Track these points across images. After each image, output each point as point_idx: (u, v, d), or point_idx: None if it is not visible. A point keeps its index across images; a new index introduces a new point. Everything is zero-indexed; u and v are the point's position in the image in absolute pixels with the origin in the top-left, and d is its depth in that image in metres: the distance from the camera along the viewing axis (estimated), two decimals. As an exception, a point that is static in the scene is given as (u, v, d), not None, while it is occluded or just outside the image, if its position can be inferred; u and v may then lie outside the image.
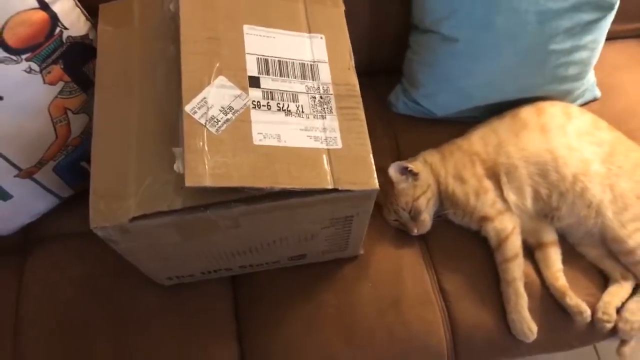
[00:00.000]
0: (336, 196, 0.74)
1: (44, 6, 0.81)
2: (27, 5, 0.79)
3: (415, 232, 1.03)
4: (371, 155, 0.76)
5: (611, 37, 1.23)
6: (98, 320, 0.99)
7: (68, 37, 0.86)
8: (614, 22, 1.12)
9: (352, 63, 0.82)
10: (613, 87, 1.21)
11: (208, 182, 0.67)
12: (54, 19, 0.83)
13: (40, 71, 0.84)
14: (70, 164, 0.97)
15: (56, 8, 0.83)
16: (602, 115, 1.13)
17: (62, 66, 0.86)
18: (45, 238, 1.08)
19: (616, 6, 1.03)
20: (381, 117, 1.19)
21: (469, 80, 1.06)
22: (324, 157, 0.74)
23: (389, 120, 1.19)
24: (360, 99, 0.80)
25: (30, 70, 0.83)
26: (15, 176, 0.92)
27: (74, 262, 1.04)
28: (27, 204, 1.00)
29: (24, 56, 0.81)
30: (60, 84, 0.88)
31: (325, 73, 0.80)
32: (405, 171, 1.04)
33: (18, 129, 0.87)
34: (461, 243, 1.06)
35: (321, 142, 0.75)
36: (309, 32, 0.83)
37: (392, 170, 1.02)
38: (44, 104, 0.87)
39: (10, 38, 0.78)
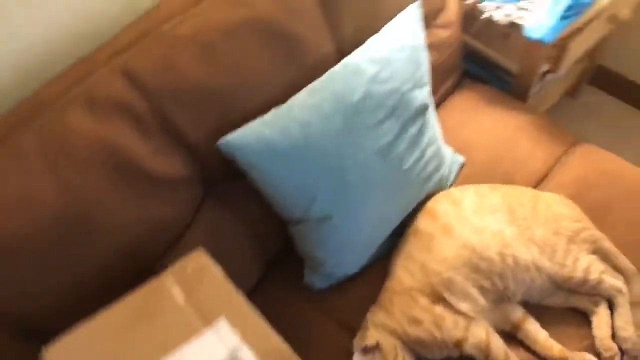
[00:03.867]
0: None
1: None
2: None
3: (408, 393, 1.00)
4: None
5: (439, 102, 1.34)
6: None
7: None
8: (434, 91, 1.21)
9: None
10: (467, 144, 1.29)
11: None
12: None
13: None
14: None
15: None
16: (472, 174, 1.20)
17: None
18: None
19: (430, 106, 1.11)
20: (310, 300, 1.17)
21: (360, 234, 1.08)
22: None
23: (319, 300, 1.16)
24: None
25: None
26: None
27: None
28: None
29: None
30: None
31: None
32: (367, 350, 1.01)
33: None
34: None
35: None
36: (208, 324, 0.79)
37: (358, 359, 0.99)
38: None
39: None
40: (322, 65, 1.06)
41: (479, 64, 1.51)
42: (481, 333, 1.01)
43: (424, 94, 1.09)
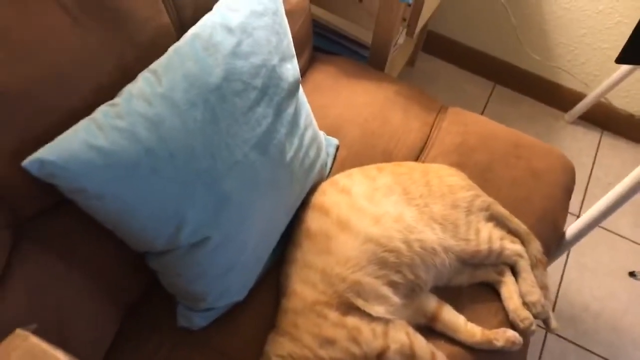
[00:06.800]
0: None
1: None
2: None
3: None
4: None
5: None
6: None
7: None
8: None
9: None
10: (337, 124, 1.14)
11: None
12: None
13: None
14: None
15: None
16: (349, 157, 1.09)
17: None
18: None
19: (299, 80, 0.92)
20: (191, 343, 0.91)
21: (245, 251, 0.85)
22: None
23: (203, 342, 0.91)
24: None
25: None
26: None
27: None
28: None
29: None
30: None
31: None
32: (278, 393, 0.80)
33: None
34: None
35: None
36: None
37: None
38: None
39: None
40: (160, 41, 0.81)
41: (328, 40, 1.37)
42: (402, 336, 0.87)
43: (294, 68, 0.89)
